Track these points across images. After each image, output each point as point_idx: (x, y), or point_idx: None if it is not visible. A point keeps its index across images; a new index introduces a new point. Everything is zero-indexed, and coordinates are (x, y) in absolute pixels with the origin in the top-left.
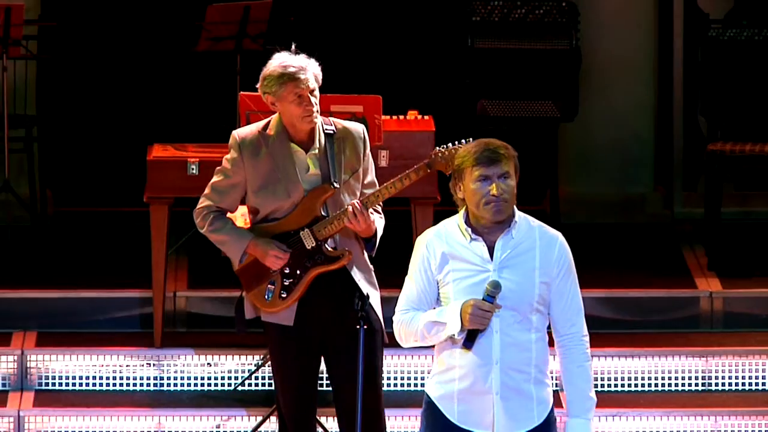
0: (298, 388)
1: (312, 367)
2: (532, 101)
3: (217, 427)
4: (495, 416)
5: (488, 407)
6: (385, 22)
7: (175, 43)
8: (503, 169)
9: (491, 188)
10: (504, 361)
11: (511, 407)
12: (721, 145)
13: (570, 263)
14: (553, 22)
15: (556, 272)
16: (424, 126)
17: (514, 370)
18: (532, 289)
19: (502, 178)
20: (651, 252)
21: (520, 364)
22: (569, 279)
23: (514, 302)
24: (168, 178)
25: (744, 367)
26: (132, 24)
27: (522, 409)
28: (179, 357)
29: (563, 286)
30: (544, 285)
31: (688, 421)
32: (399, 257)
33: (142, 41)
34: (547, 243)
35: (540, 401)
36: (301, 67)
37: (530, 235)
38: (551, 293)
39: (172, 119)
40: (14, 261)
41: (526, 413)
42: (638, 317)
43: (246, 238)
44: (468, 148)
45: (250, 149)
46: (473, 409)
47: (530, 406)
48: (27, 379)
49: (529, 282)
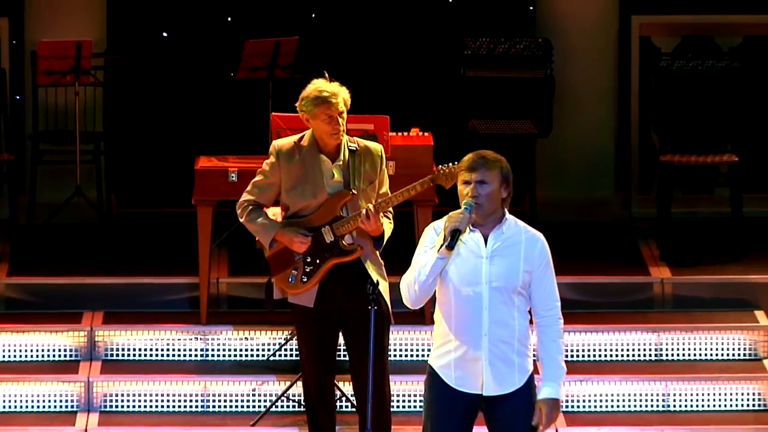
0: (319, 358)
1: (331, 341)
2: (514, 120)
3: (253, 391)
4: (484, 379)
5: (479, 372)
6: (392, 55)
7: (218, 71)
8: (480, 177)
9: (467, 191)
10: (491, 334)
11: (497, 372)
12: (670, 157)
13: (549, 258)
14: (531, 55)
15: (537, 264)
16: (424, 141)
17: (500, 341)
18: (516, 275)
19: (478, 183)
20: (612, 246)
21: (505, 337)
22: (548, 271)
23: (501, 284)
24: (212, 184)
25: (690, 340)
26: (182, 55)
27: (506, 374)
28: (221, 332)
29: (543, 276)
30: (527, 273)
31: (643, 386)
32: (404, 250)
33: (191, 70)
34: (532, 240)
35: (521, 368)
36: (333, 93)
37: (517, 232)
38: (532, 281)
39: (216, 135)
40: (84, 253)
41: (510, 378)
42: (602, 299)
43: (275, 226)
44: (464, 159)
45: (286, 156)
46: (467, 375)
47: (513, 372)
48: (95, 350)
49: (515, 269)
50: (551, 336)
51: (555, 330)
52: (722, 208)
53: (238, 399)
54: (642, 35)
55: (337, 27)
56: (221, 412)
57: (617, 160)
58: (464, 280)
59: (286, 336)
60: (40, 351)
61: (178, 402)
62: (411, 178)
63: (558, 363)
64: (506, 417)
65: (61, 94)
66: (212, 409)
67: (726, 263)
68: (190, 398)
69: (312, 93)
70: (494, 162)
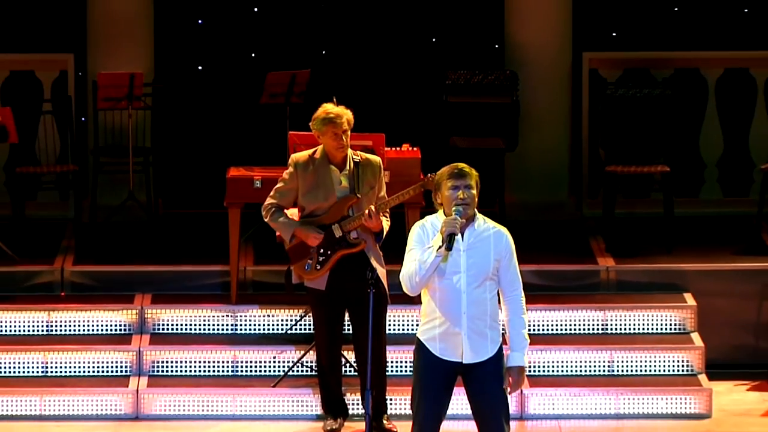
0: (328, 332)
1: (338, 317)
2: (487, 137)
3: (274, 358)
4: (464, 350)
5: (459, 343)
6: (388, 83)
7: (245, 98)
8: (467, 182)
9: (459, 194)
10: (469, 312)
11: (474, 344)
12: (614, 167)
13: (513, 249)
14: (500, 84)
15: (504, 254)
16: (413, 154)
17: (476, 318)
18: (488, 264)
19: (466, 188)
20: (567, 240)
21: (480, 315)
22: (512, 260)
23: (476, 272)
24: (240, 190)
25: (630, 317)
26: (215, 84)
27: (481, 345)
28: (247, 310)
29: (508, 263)
30: (496, 261)
31: (592, 354)
32: (398, 243)
33: (223, 96)
34: (498, 234)
35: (493, 340)
36: (339, 115)
37: (486, 228)
38: (500, 268)
39: (243, 149)
40: (136, 246)
41: (483, 348)
42: (558, 284)
43: (294, 225)
44: (444, 169)
45: (302, 167)
46: (449, 346)
47: (486, 342)
48: (144, 325)
49: (486, 259)
50: (516, 312)
51: (519, 307)
52: (656, 209)
53: (262, 365)
54: (591, 68)
55: (343, 61)
56: (247, 375)
57: (571, 170)
58: (447, 269)
59: (301, 313)
60: (100, 326)
61: (212, 367)
62: (403, 184)
63: (522, 336)
64: (480, 379)
65: (117, 116)
66: (240, 373)
67: (660, 254)
68: (222, 364)
69: (321, 114)
70: (471, 170)
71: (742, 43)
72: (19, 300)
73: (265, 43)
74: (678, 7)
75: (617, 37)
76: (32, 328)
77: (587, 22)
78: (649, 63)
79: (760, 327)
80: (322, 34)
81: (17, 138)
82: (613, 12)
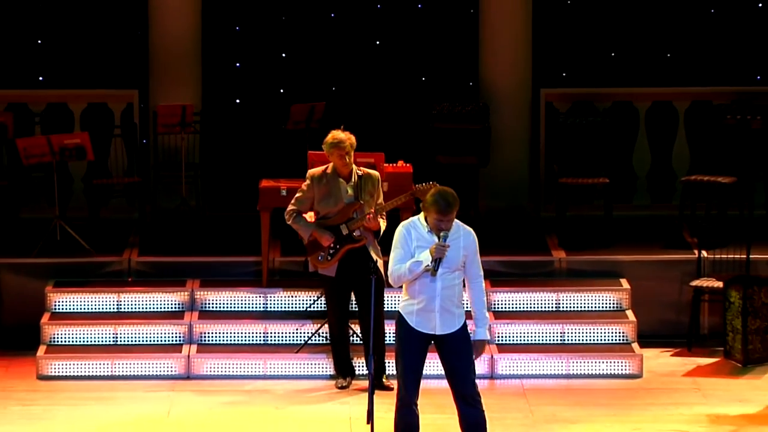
0: (338, 309)
1: (346, 298)
2: (465, 156)
3: (296, 330)
4: (436, 323)
5: (432, 318)
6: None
7: (274, 124)
8: (451, 216)
9: (443, 225)
10: (442, 294)
11: (444, 319)
12: (565, 179)
13: (477, 246)
14: (475, 113)
15: (470, 249)
16: (406, 169)
17: (447, 299)
18: (458, 258)
19: (448, 221)
20: (528, 237)
21: (450, 296)
22: (476, 254)
23: (449, 263)
24: (270, 197)
25: (578, 298)
26: (250, 114)
27: (449, 320)
28: (275, 292)
29: (473, 257)
30: (464, 255)
31: (547, 327)
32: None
33: (257, 122)
34: (466, 234)
35: (459, 316)
36: (342, 140)
37: (457, 229)
38: (467, 260)
39: (273, 165)
40: (187, 242)
41: (452, 322)
42: (520, 271)
43: (312, 227)
44: (433, 194)
45: (317, 179)
46: (424, 320)
47: (454, 318)
48: (194, 304)
49: (457, 254)
50: (479, 296)
51: (481, 291)
52: (598, 212)
53: (287, 335)
54: (547, 101)
55: (350, 96)
56: (275, 344)
57: (530, 181)
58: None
59: (317, 295)
60: (158, 304)
61: (248, 337)
62: (397, 193)
63: (484, 314)
64: (449, 346)
65: (172, 138)
66: (269, 342)
67: (601, 248)
68: (255, 335)
69: (330, 139)
70: (455, 204)
71: (666, 81)
72: (94, 284)
73: (290, 81)
74: (614, 52)
75: (567, 76)
76: (105, 307)
77: (544, 64)
78: (592, 97)
79: (680, 305)
80: (334, 75)
81: (93, 156)
82: (564, 56)
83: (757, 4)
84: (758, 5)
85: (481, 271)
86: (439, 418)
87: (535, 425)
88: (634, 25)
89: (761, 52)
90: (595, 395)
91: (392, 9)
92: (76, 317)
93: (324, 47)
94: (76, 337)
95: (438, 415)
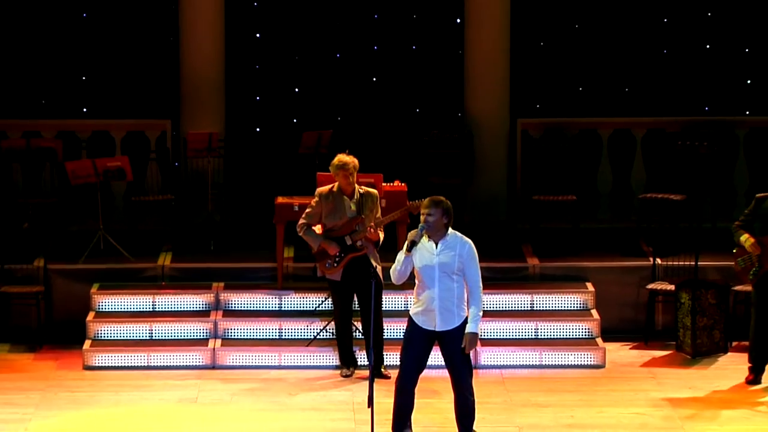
0: (343, 308)
1: (350, 299)
2: (452, 177)
3: (307, 326)
4: (437, 322)
5: (434, 317)
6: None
7: (288, 150)
8: (429, 212)
9: (422, 218)
10: (440, 296)
11: (444, 317)
12: (538, 196)
13: (473, 254)
14: (461, 140)
15: (465, 257)
16: (401, 188)
17: (446, 300)
18: (453, 264)
19: (428, 215)
20: (506, 246)
21: (449, 297)
22: (473, 261)
23: (446, 268)
24: (284, 212)
25: (549, 299)
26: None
27: (449, 318)
28: (289, 294)
29: (470, 264)
30: (461, 263)
31: (523, 324)
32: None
33: (273, 148)
34: (462, 243)
35: (459, 315)
36: (346, 163)
37: (455, 239)
38: (465, 267)
39: (287, 184)
40: (213, 250)
41: (451, 320)
42: (500, 276)
43: (320, 238)
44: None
45: (324, 197)
46: (427, 319)
47: (453, 317)
48: (219, 304)
49: (452, 260)
50: (475, 298)
51: (477, 295)
52: (567, 225)
53: (299, 331)
54: (522, 129)
55: (354, 124)
56: (289, 338)
57: (509, 198)
58: (425, 267)
59: (325, 296)
60: (188, 304)
61: (265, 333)
62: (394, 209)
63: (476, 313)
64: (449, 342)
65: (200, 161)
66: (284, 337)
67: (570, 256)
68: (271, 330)
69: (335, 162)
70: (438, 203)
71: (625, 112)
72: (132, 287)
73: (302, 112)
74: (581, 87)
75: (540, 107)
76: (142, 306)
77: (520, 98)
78: (562, 125)
79: (638, 305)
80: (340, 106)
81: (132, 177)
82: (537, 91)
83: (704, 45)
84: (706, 46)
85: (479, 276)
86: (435, 402)
87: (513, 408)
88: (598, 64)
89: (708, 86)
90: (565, 383)
91: (391, 50)
92: (117, 316)
93: (331, 83)
94: (117, 333)
95: (435, 400)
